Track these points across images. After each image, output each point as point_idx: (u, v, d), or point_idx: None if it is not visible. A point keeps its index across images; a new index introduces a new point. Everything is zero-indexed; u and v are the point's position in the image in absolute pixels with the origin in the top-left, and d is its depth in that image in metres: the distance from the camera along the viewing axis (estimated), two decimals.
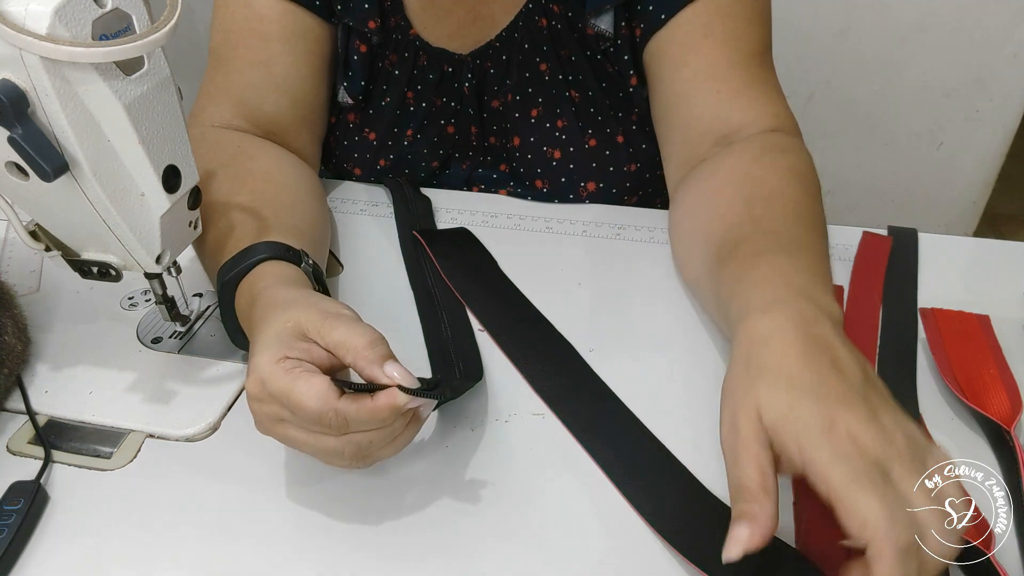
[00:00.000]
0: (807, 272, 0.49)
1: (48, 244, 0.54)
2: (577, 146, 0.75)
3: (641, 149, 0.75)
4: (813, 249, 0.52)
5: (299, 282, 0.54)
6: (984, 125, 1.35)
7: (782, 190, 0.58)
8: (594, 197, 0.77)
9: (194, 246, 0.61)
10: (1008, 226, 1.98)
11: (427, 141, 0.77)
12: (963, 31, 1.25)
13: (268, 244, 0.55)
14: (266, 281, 0.53)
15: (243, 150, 0.68)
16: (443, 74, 0.74)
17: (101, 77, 0.44)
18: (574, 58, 0.72)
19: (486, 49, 0.73)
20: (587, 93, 0.73)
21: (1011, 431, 0.50)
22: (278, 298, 0.50)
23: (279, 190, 0.65)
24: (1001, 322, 0.60)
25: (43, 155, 0.44)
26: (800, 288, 0.46)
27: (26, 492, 0.49)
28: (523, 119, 0.75)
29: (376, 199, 0.79)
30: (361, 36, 0.74)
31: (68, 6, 0.41)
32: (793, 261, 0.50)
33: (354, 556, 0.46)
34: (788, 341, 0.42)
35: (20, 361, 0.58)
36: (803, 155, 0.63)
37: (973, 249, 0.70)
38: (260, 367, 0.44)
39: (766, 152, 0.62)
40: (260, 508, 0.49)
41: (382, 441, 0.45)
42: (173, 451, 0.53)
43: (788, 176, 0.59)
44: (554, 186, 0.77)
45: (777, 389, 0.40)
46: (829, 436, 0.38)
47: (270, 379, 0.44)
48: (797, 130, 0.67)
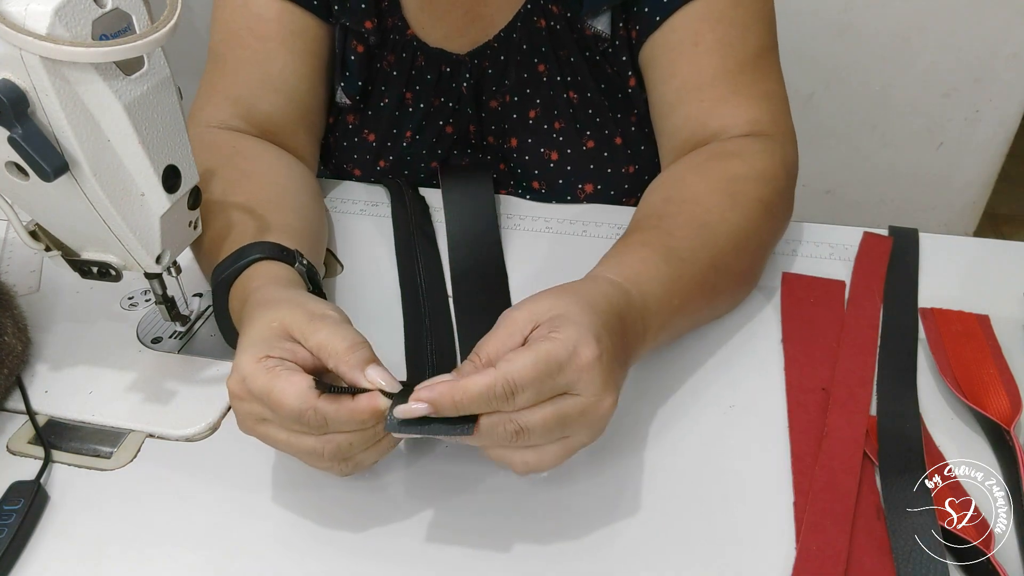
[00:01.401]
0: (657, 282, 0.52)
1: (48, 244, 0.54)
2: (575, 148, 0.75)
3: (640, 151, 0.75)
4: (690, 260, 0.55)
5: (293, 282, 0.54)
6: (984, 125, 1.35)
7: (700, 199, 0.60)
8: (592, 199, 0.77)
9: (191, 247, 0.61)
10: (1008, 226, 1.98)
11: (426, 141, 0.77)
12: (963, 31, 1.25)
13: (262, 244, 0.55)
14: (258, 281, 0.53)
15: (239, 150, 0.68)
16: (441, 74, 0.74)
17: (101, 77, 0.44)
18: (573, 59, 0.72)
19: (484, 49, 0.73)
20: (585, 94, 0.73)
21: (1011, 431, 0.50)
22: (267, 298, 0.50)
23: (275, 190, 0.65)
24: (1001, 322, 0.60)
25: (43, 155, 0.44)
26: (639, 286, 0.51)
27: (26, 492, 0.49)
28: (521, 120, 0.75)
29: (376, 199, 0.79)
30: (358, 36, 0.74)
31: (68, 6, 0.41)
32: (660, 266, 0.53)
33: (353, 556, 0.46)
34: (582, 305, 0.45)
35: (20, 361, 0.58)
36: (757, 159, 0.63)
37: (973, 249, 0.70)
38: (242, 366, 0.45)
39: (711, 159, 0.63)
40: (259, 508, 0.49)
41: (362, 444, 0.45)
42: (173, 451, 0.53)
43: (717, 184, 0.61)
44: (551, 188, 0.77)
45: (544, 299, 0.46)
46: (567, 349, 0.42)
47: (251, 377, 0.44)
48: (777, 132, 0.66)
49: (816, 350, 0.58)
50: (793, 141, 0.68)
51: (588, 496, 0.49)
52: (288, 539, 0.47)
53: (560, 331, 0.43)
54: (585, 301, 0.46)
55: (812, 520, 0.46)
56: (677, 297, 0.53)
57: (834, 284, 0.65)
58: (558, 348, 0.42)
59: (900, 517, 0.46)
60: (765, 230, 0.61)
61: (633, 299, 0.50)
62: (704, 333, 0.61)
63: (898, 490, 0.47)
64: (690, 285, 0.54)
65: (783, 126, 0.67)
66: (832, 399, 0.53)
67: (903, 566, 0.44)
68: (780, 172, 0.63)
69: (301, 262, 0.56)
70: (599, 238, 0.72)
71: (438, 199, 0.77)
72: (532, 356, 0.41)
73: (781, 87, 0.69)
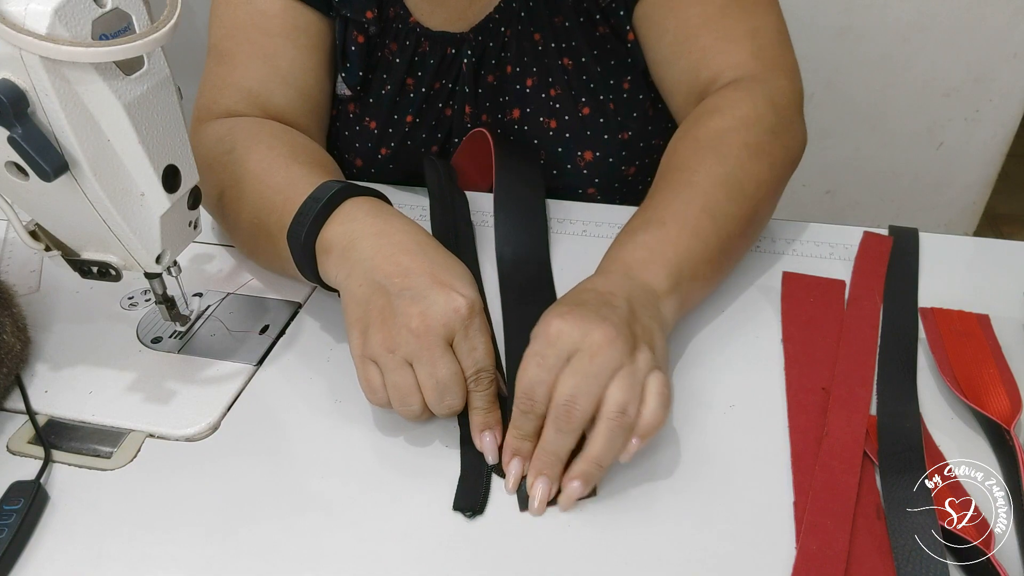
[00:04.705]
0: (645, 249, 0.56)
1: (48, 244, 0.54)
2: (571, 115, 0.75)
3: (632, 117, 0.75)
4: (677, 220, 0.58)
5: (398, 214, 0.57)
6: (984, 125, 1.35)
7: (687, 163, 0.62)
8: (592, 167, 0.77)
9: (228, 217, 0.64)
10: (1008, 226, 1.98)
11: (426, 125, 0.78)
12: (963, 31, 1.25)
13: (347, 184, 0.58)
14: (385, 209, 0.57)
15: (282, 126, 0.72)
16: (444, 56, 0.75)
17: (101, 77, 0.44)
18: (568, 24, 0.72)
19: (486, 23, 0.73)
20: (580, 60, 0.73)
21: (1011, 431, 0.50)
22: (415, 229, 0.55)
23: (319, 150, 0.70)
24: (1001, 322, 0.60)
25: (43, 155, 0.44)
26: (628, 264, 0.55)
27: (26, 492, 0.49)
28: (520, 91, 0.75)
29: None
30: (358, 27, 0.74)
31: (68, 6, 0.41)
32: (646, 237, 0.57)
33: (353, 556, 0.46)
34: (584, 298, 0.52)
35: (20, 361, 0.58)
36: (737, 108, 0.64)
37: (973, 249, 0.70)
38: (476, 299, 0.51)
39: (696, 122, 0.65)
40: (260, 508, 0.49)
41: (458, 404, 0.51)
42: (173, 451, 0.53)
43: (701, 144, 0.63)
44: (551, 156, 0.77)
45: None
46: (542, 328, 0.49)
47: (479, 313, 0.51)
48: (762, 69, 0.67)
49: (816, 350, 0.58)
50: (784, 70, 0.68)
51: (587, 496, 0.49)
52: (288, 539, 0.47)
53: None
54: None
55: (812, 520, 0.46)
56: (670, 247, 0.56)
57: (834, 284, 0.65)
58: (533, 344, 0.49)
59: (900, 517, 0.46)
60: (760, 170, 0.62)
61: (612, 269, 0.55)
62: (704, 333, 0.61)
63: (898, 490, 0.47)
64: (682, 234, 0.57)
65: (770, 59, 0.68)
66: (832, 399, 0.53)
67: (903, 566, 0.44)
68: (765, 111, 0.64)
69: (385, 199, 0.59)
70: (600, 238, 0.72)
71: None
72: (523, 366, 0.48)
73: (770, 18, 0.69)
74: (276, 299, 0.65)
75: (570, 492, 0.48)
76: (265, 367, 0.59)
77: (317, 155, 0.68)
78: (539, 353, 0.48)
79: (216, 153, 0.66)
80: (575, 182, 0.78)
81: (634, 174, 0.78)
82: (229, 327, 0.62)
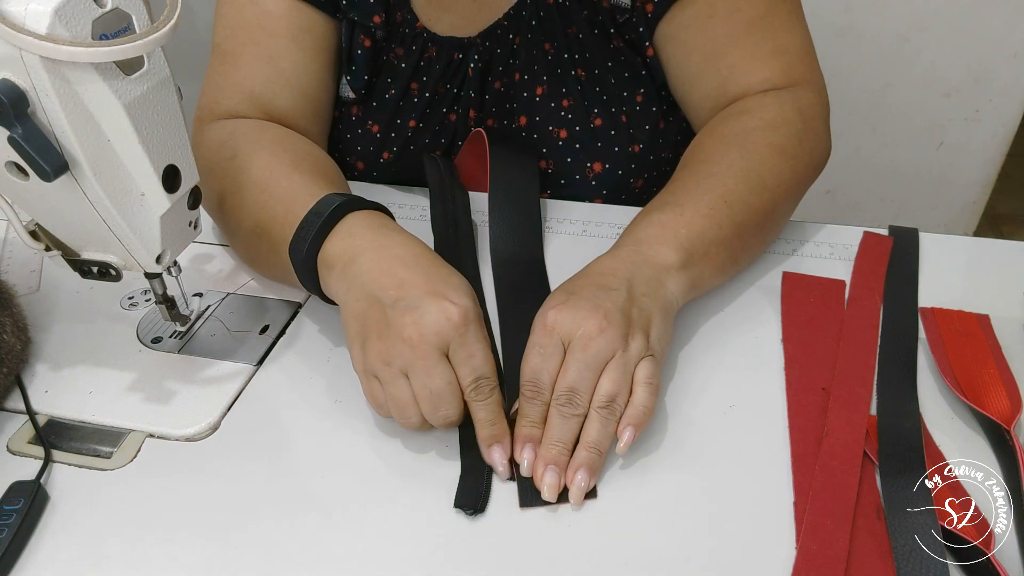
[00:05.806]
0: (658, 226, 0.58)
1: (48, 244, 0.54)
2: (583, 125, 0.75)
3: (643, 130, 0.75)
4: (694, 203, 0.60)
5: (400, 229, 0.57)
6: (984, 125, 1.35)
7: (711, 156, 0.64)
8: (601, 179, 0.77)
9: (230, 220, 0.64)
10: (1008, 226, 1.97)
11: (429, 130, 0.77)
12: (963, 31, 1.25)
13: (349, 197, 0.58)
14: (386, 224, 0.57)
15: (284, 131, 0.72)
16: (451, 61, 0.74)
17: (101, 77, 0.44)
18: (581, 36, 0.72)
19: (494, 29, 0.73)
20: (593, 71, 0.73)
21: (1011, 431, 0.50)
22: (415, 241, 0.55)
23: (323, 158, 0.71)
24: (1001, 322, 0.60)
25: (43, 155, 0.44)
26: (639, 240, 0.58)
27: (26, 492, 0.49)
28: (529, 99, 0.75)
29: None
30: (365, 31, 0.74)
31: (68, 6, 0.41)
32: (661, 216, 0.59)
33: (353, 556, 0.46)
34: (582, 283, 0.54)
35: (20, 361, 0.58)
36: (766, 111, 0.66)
37: (973, 249, 0.70)
38: (471, 306, 0.51)
39: (723, 120, 0.67)
40: (260, 508, 0.49)
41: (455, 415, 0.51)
42: (173, 451, 0.53)
43: (727, 139, 0.65)
44: (560, 166, 0.77)
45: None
46: (540, 319, 0.52)
47: (476, 319, 0.51)
48: (791, 83, 0.68)
49: (816, 350, 0.58)
50: (813, 84, 0.70)
51: (588, 496, 0.49)
52: (288, 539, 0.47)
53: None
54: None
55: (812, 520, 0.46)
56: (684, 225, 0.58)
57: (834, 284, 0.65)
58: (533, 335, 0.52)
59: (900, 517, 0.46)
60: (782, 169, 0.63)
61: (623, 244, 0.58)
62: (704, 333, 0.61)
63: (898, 490, 0.47)
64: (696, 215, 0.59)
65: (798, 75, 0.69)
66: (832, 399, 0.53)
67: (903, 566, 0.44)
68: (793, 117, 0.66)
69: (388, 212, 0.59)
70: (600, 238, 0.72)
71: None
72: (526, 356, 0.51)
73: (796, 36, 0.70)
74: (276, 299, 0.65)
75: (577, 483, 0.49)
76: (265, 367, 0.59)
77: (320, 162, 0.68)
78: (538, 343, 0.51)
79: (218, 158, 0.66)
80: (583, 192, 0.78)
81: (642, 187, 0.78)
82: (229, 327, 0.62)
